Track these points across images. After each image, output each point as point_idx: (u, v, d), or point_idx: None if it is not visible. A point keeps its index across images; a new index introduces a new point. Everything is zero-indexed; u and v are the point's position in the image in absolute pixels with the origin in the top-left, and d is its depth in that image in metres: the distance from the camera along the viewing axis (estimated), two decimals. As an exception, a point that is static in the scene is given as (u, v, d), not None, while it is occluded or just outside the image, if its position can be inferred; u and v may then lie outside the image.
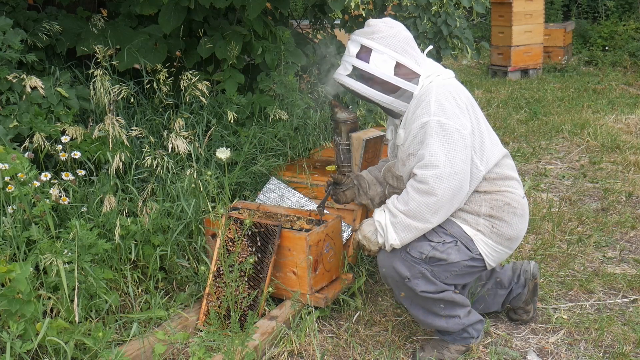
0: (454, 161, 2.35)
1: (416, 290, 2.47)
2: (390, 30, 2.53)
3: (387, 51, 2.51)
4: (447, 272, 2.50)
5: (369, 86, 2.55)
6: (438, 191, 2.34)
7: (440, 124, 2.38)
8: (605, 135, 5.82)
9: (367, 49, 2.53)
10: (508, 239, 2.53)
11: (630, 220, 4.01)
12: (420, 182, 2.36)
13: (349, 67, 2.58)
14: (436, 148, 2.36)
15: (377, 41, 2.52)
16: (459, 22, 4.56)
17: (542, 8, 9.28)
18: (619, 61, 9.59)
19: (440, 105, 2.42)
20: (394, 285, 2.56)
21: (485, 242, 2.51)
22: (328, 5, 4.91)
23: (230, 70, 4.18)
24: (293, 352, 2.66)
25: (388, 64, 2.52)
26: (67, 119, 3.32)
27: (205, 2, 3.88)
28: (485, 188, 2.50)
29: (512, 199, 2.52)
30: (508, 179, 2.55)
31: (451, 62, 10.17)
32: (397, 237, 2.42)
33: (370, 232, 2.52)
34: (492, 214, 2.50)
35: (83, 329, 2.47)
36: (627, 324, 2.87)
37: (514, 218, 2.52)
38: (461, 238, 2.49)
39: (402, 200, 2.42)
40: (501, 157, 2.56)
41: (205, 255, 3.08)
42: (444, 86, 2.50)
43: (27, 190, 2.71)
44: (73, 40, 4.10)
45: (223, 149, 2.24)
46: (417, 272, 2.46)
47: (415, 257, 2.46)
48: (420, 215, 2.38)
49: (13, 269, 2.24)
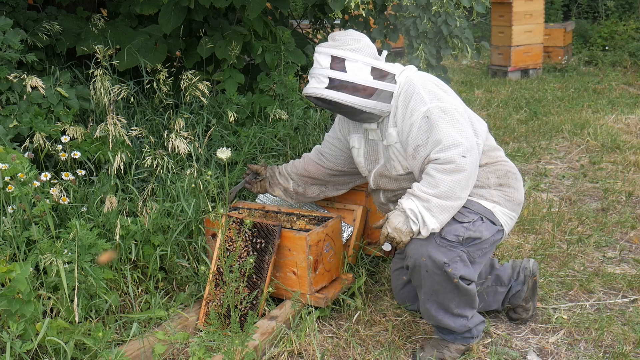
0: (468, 137, 2.45)
1: (455, 275, 2.46)
2: (357, 43, 2.59)
3: (360, 58, 2.56)
4: (479, 251, 2.54)
5: (351, 94, 2.56)
6: (466, 166, 2.40)
7: (440, 109, 2.49)
8: (605, 135, 5.82)
9: (340, 59, 2.55)
10: (518, 204, 2.64)
11: (630, 220, 4.01)
12: (445, 163, 2.40)
13: (324, 79, 2.57)
14: (449, 130, 2.44)
15: (347, 50, 2.56)
16: (459, 22, 4.56)
17: (542, 8, 9.28)
18: (619, 61, 9.59)
19: (432, 92, 2.55)
20: (423, 275, 2.50)
21: (503, 212, 2.58)
22: (328, 5, 4.91)
23: (230, 70, 4.18)
24: (293, 352, 2.66)
25: (364, 70, 2.57)
26: (67, 119, 3.32)
27: (205, 2, 3.88)
28: (485, 161, 2.60)
29: (509, 166, 2.66)
30: (497, 150, 2.69)
31: (451, 62, 10.19)
32: (436, 220, 2.42)
33: (400, 223, 2.47)
34: (501, 182, 2.59)
35: (83, 329, 2.47)
36: (627, 324, 2.87)
37: (517, 183, 2.65)
38: (484, 213, 2.54)
39: (430, 184, 2.42)
40: (487, 131, 2.68)
41: (205, 255, 3.08)
42: (422, 76, 2.65)
43: (27, 190, 2.71)
44: (73, 40, 4.10)
45: (223, 149, 2.24)
46: (455, 256, 2.47)
47: (452, 240, 2.46)
48: (453, 193, 2.40)
49: (13, 269, 2.24)
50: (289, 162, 3.22)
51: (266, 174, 3.18)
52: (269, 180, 3.16)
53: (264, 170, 3.18)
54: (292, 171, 3.13)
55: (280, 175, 3.15)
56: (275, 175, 3.15)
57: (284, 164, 3.21)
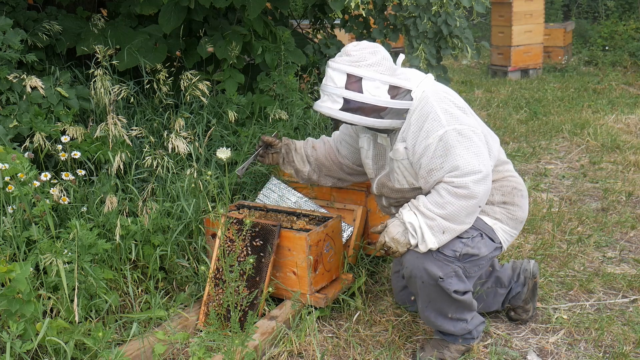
0: (485, 163, 2.40)
1: (449, 289, 2.46)
2: (374, 57, 2.45)
3: (378, 77, 2.43)
4: (475, 267, 2.53)
5: (366, 116, 2.45)
6: (478, 194, 2.37)
7: (457, 132, 2.40)
8: (605, 135, 5.82)
9: (357, 78, 2.42)
10: (520, 221, 2.63)
11: (630, 220, 4.01)
12: (459, 188, 2.36)
13: (338, 99, 2.44)
14: (466, 154, 2.37)
15: (365, 68, 2.42)
16: (459, 22, 4.56)
17: (542, 8, 9.29)
18: (619, 61, 9.59)
19: (449, 113, 2.44)
20: (419, 286, 2.51)
21: (503, 230, 2.58)
22: (328, 5, 4.92)
23: (230, 70, 4.18)
24: (293, 352, 2.66)
25: (382, 90, 2.44)
26: (67, 119, 3.32)
27: (205, 2, 3.88)
28: (493, 177, 2.54)
29: (516, 182, 2.62)
30: (505, 164, 2.65)
31: (451, 62, 10.19)
32: (436, 239, 2.42)
33: (399, 234, 2.47)
34: (505, 200, 2.57)
35: (83, 329, 2.47)
36: (627, 324, 2.87)
37: (522, 200, 2.62)
38: (484, 230, 2.53)
39: (437, 204, 2.39)
40: (499, 146, 2.64)
41: (205, 255, 3.08)
42: (438, 92, 2.51)
43: (27, 190, 2.71)
44: (73, 40, 4.10)
45: (223, 148, 2.24)
46: (450, 271, 2.46)
47: (449, 255, 2.45)
48: (458, 217, 2.39)
49: (13, 269, 2.24)
50: (305, 139, 3.03)
51: (281, 149, 2.98)
52: (284, 157, 2.99)
53: (278, 143, 2.98)
54: (312, 155, 2.97)
55: (296, 153, 2.98)
56: (291, 153, 2.97)
57: (302, 142, 3.01)
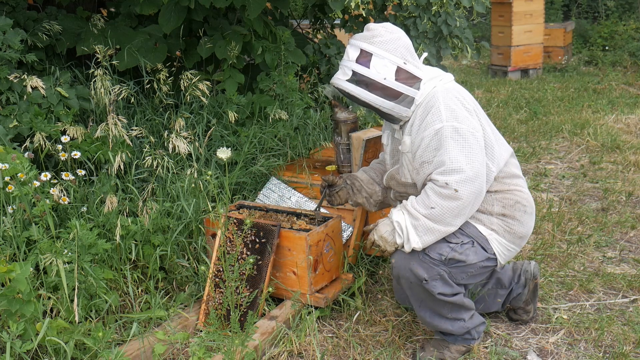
0: (474, 164, 2.37)
1: (434, 292, 2.46)
2: (390, 35, 2.49)
3: (387, 56, 2.46)
4: (463, 274, 2.51)
5: (369, 91, 2.49)
6: (463, 195, 2.35)
7: (454, 129, 2.39)
8: (605, 135, 5.82)
9: (367, 54, 2.47)
10: (520, 237, 2.58)
11: (630, 220, 4.01)
12: (443, 187, 2.36)
13: (348, 72, 2.50)
14: (456, 153, 2.36)
15: (377, 45, 2.46)
16: (459, 22, 4.57)
17: (542, 8, 9.29)
18: (619, 61, 9.59)
19: (451, 110, 2.43)
20: (407, 286, 2.53)
21: (499, 241, 2.54)
22: (328, 5, 4.91)
23: (230, 70, 4.18)
24: (293, 352, 2.66)
25: (389, 69, 2.47)
26: (67, 119, 3.32)
27: (206, 2, 3.88)
28: (496, 188, 2.52)
29: (521, 197, 2.56)
30: (515, 177, 2.59)
31: (451, 62, 10.19)
32: (420, 239, 2.42)
33: (387, 233, 2.49)
34: (505, 212, 2.53)
35: (83, 329, 2.47)
36: (627, 324, 2.87)
37: (525, 216, 2.56)
38: (477, 238, 2.51)
39: (423, 204, 2.40)
40: (509, 157, 2.60)
41: (205, 255, 3.08)
42: (449, 90, 2.51)
43: (27, 190, 2.71)
44: (73, 40, 4.10)
45: (223, 148, 2.24)
46: (435, 274, 2.45)
47: (435, 258, 2.45)
48: (443, 219, 2.38)
49: (13, 269, 2.24)
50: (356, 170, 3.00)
51: (343, 183, 2.91)
52: (351, 187, 2.89)
53: (339, 180, 2.92)
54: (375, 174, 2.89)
55: (361, 179, 2.88)
56: (357, 181, 2.88)
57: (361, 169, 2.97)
